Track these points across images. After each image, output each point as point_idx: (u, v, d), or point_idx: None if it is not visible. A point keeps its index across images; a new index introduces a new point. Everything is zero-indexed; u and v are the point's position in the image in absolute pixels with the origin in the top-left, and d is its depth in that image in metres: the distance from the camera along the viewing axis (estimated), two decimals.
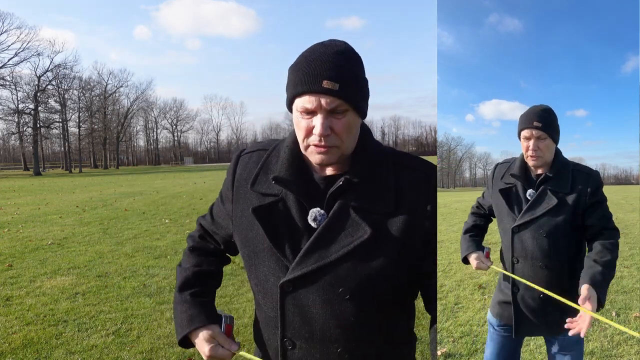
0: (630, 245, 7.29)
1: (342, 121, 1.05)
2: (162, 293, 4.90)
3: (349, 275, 1.07)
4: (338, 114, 1.04)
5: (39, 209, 13.59)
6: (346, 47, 1.07)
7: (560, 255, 1.93)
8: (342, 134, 1.05)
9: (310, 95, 1.03)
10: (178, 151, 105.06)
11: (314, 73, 1.02)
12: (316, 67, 1.02)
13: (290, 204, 1.12)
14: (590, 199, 1.89)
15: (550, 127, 1.94)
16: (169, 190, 20.46)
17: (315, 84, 1.02)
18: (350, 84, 1.04)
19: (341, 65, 1.03)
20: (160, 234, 8.63)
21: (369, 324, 1.11)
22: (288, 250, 1.10)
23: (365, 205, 1.08)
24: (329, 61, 1.03)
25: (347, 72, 1.04)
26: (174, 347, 3.57)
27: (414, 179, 1.11)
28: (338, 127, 1.04)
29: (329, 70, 1.02)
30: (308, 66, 1.03)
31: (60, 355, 3.48)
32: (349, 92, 1.04)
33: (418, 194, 1.10)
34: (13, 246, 7.72)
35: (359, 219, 1.07)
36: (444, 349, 3.47)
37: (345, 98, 1.03)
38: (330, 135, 1.04)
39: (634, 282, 5.08)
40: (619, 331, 3.71)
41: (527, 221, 1.95)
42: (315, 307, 1.09)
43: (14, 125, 58.51)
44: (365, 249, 1.06)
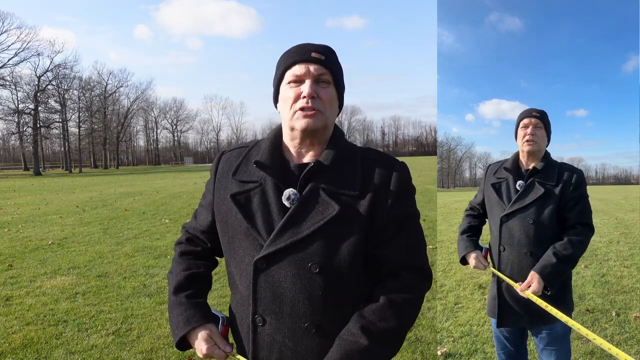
0: (630, 245, 7.28)
1: (326, 90, 1.20)
2: (162, 293, 4.90)
3: (318, 250, 1.13)
4: (323, 83, 1.20)
5: (39, 209, 13.58)
6: (328, 46, 1.27)
7: (544, 243, 2.05)
8: (326, 102, 1.19)
9: (300, 64, 1.20)
10: (178, 151, 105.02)
11: (304, 48, 1.22)
12: (306, 45, 1.23)
13: (267, 188, 1.21)
14: (573, 193, 2.05)
15: (546, 121, 2.12)
16: (169, 190, 20.46)
17: (305, 55, 1.20)
18: (333, 60, 1.24)
19: (325, 47, 1.25)
20: (160, 234, 8.63)
21: (336, 298, 1.16)
22: (263, 230, 1.18)
23: (334, 187, 1.18)
24: (315, 44, 1.24)
25: (331, 52, 1.25)
26: (173, 347, 3.56)
27: (379, 168, 1.21)
28: (323, 94, 1.19)
29: (316, 46, 1.23)
30: (298, 46, 1.24)
31: (60, 355, 3.48)
32: (333, 64, 1.23)
33: (383, 181, 1.19)
34: (13, 246, 7.71)
35: (329, 198, 1.16)
36: (444, 349, 3.47)
37: (330, 68, 1.21)
38: (316, 99, 1.18)
39: (634, 282, 5.08)
40: (619, 331, 3.71)
41: (515, 210, 2.10)
42: (286, 281, 1.15)
43: (14, 125, 58.47)
44: (334, 225, 1.14)
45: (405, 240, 1.21)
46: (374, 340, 1.10)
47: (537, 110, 2.12)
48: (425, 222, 9.27)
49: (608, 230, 9.00)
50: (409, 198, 1.23)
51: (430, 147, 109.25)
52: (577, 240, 2.00)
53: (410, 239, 1.23)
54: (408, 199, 1.23)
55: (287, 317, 1.16)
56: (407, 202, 1.22)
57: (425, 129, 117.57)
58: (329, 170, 1.19)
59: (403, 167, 1.24)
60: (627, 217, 11.18)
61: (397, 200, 1.19)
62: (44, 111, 58.65)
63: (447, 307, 4.41)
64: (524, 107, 2.13)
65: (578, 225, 2.05)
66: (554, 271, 1.94)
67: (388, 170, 1.21)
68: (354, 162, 1.21)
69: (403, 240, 1.21)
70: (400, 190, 1.20)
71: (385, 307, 1.14)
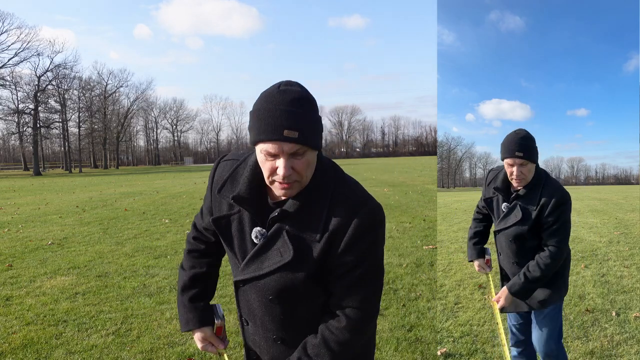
0: (630, 245, 7.28)
1: (302, 161, 1.20)
2: (162, 293, 4.90)
3: (274, 286, 1.29)
4: (298, 156, 1.19)
5: (39, 209, 13.58)
6: (301, 92, 1.19)
7: (526, 254, 2.37)
8: (302, 171, 1.21)
9: (273, 143, 1.16)
10: (178, 151, 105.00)
11: (275, 124, 1.15)
12: (276, 118, 1.15)
13: (244, 217, 1.33)
14: (547, 217, 2.24)
15: (530, 153, 2.24)
16: (169, 190, 20.46)
17: (277, 134, 1.15)
18: (307, 129, 1.17)
19: (298, 113, 1.16)
20: (160, 234, 8.63)
21: (294, 320, 1.35)
22: (239, 255, 1.34)
23: (296, 231, 1.26)
24: (287, 110, 1.15)
25: (304, 119, 1.17)
26: (174, 347, 3.57)
27: (344, 212, 1.24)
28: (299, 166, 1.20)
29: (288, 120, 1.14)
30: (269, 116, 1.15)
31: (60, 355, 3.48)
32: (307, 137, 1.17)
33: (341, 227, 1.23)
34: (13, 246, 7.72)
35: (289, 242, 1.25)
36: (444, 349, 3.47)
37: (304, 142, 1.17)
38: (292, 174, 1.20)
39: (634, 282, 5.08)
40: (619, 331, 3.71)
41: (500, 229, 2.42)
42: (255, 303, 1.36)
43: (14, 125, 58.50)
44: (290, 266, 1.26)
45: (353, 283, 1.26)
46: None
47: (518, 148, 2.20)
48: (425, 222, 9.27)
49: (608, 230, 9.00)
50: (366, 244, 1.24)
51: (430, 147, 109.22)
52: (543, 263, 2.25)
53: (359, 283, 1.26)
54: (364, 244, 1.24)
55: (259, 328, 1.40)
56: (361, 248, 1.24)
57: (425, 129, 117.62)
58: (294, 213, 1.26)
59: (368, 213, 1.24)
60: (627, 217, 11.18)
61: (350, 247, 1.23)
62: (44, 111, 58.66)
63: (447, 307, 4.41)
64: (525, 107, 2.13)
65: (549, 247, 2.26)
66: (521, 289, 2.31)
67: (351, 215, 1.23)
68: (321, 206, 1.25)
69: (351, 284, 1.26)
70: (356, 237, 1.23)
71: (322, 345, 1.28)
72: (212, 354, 1.57)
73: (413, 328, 3.81)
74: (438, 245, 7.38)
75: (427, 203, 12.75)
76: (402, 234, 7.98)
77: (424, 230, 8.41)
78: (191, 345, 3.56)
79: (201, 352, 3.42)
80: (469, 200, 18.63)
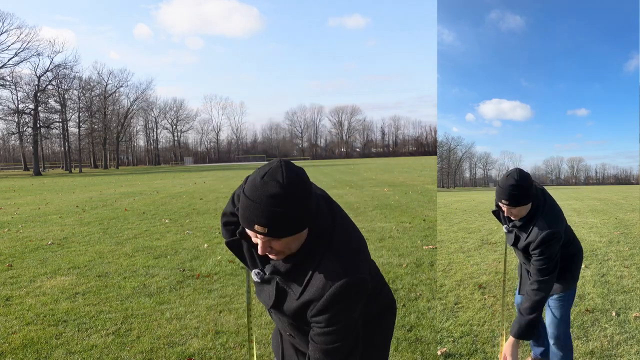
0: (630, 245, 7.28)
1: (279, 243, 1.34)
2: (162, 293, 4.90)
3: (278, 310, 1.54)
4: (274, 240, 1.33)
5: (39, 209, 13.59)
6: (279, 188, 1.27)
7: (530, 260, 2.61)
8: (282, 249, 1.36)
9: (248, 230, 1.34)
10: (178, 151, 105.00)
11: (249, 218, 1.30)
12: (250, 212, 1.29)
13: None
14: (533, 251, 2.46)
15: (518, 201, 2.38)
16: (169, 190, 20.46)
17: (250, 226, 1.31)
18: (278, 224, 1.28)
19: (271, 210, 1.27)
20: (160, 234, 8.63)
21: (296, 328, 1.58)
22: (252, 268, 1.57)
23: (284, 284, 1.46)
24: (261, 208, 1.27)
25: (276, 216, 1.27)
26: (174, 347, 3.57)
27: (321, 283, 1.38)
28: (277, 246, 1.35)
29: (259, 217, 1.28)
30: (246, 208, 1.31)
31: (60, 355, 3.48)
32: (276, 231, 1.29)
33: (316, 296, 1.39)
34: (13, 246, 7.72)
35: (274, 292, 1.49)
36: (444, 349, 3.47)
37: (273, 236, 1.30)
38: (271, 252, 1.37)
39: (634, 282, 5.08)
40: (619, 331, 3.71)
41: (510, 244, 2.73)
42: None
43: (14, 125, 58.50)
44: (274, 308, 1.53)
45: (320, 341, 1.43)
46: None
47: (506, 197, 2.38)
48: (425, 222, 9.28)
49: (608, 230, 9.01)
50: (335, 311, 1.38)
51: (430, 147, 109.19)
52: (532, 292, 2.45)
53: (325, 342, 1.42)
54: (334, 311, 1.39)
55: (279, 326, 1.70)
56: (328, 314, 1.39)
57: (425, 129, 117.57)
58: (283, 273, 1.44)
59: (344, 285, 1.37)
60: (627, 217, 11.18)
61: (320, 312, 1.39)
62: (44, 111, 58.65)
63: (447, 307, 4.41)
64: (525, 107, 2.13)
65: (531, 285, 2.47)
66: (521, 327, 2.44)
67: (325, 287, 1.37)
68: (305, 272, 1.41)
69: (319, 341, 1.43)
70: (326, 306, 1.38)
71: None
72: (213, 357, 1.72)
73: (413, 328, 3.81)
74: (438, 245, 7.39)
75: (427, 203, 12.75)
76: (402, 234, 7.98)
77: (424, 230, 8.41)
78: (191, 346, 3.56)
79: (201, 352, 3.43)
80: (469, 200, 18.63)
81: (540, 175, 56.69)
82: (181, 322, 4.06)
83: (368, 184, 20.98)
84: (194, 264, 6.14)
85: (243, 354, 3.40)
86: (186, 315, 4.23)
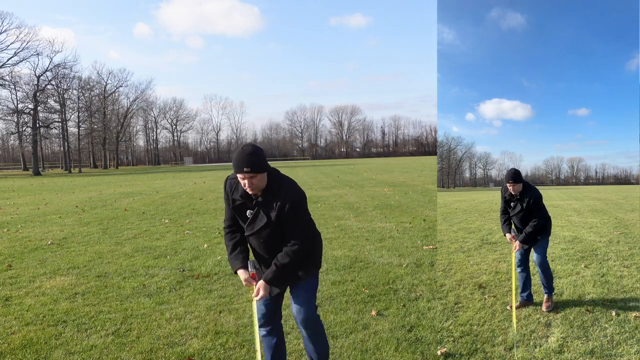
0: (630, 245, 7.28)
1: (256, 178, 2.51)
2: (162, 293, 4.89)
3: (262, 235, 2.66)
4: (253, 177, 2.50)
5: (38, 209, 13.58)
6: (253, 148, 2.51)
7: (526, 225, 4.30)
8: (258, 183, 2.53)
9: (240, 174, 2.50)
10: (178, 151, 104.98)
11: (239, 165, 2.48)
12: (240, 162, 2.47)
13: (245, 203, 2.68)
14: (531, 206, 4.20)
15: (519, 179, 4.15)
16: (168, 190, 20.45)
17: (240, 170, 2.48)
18: (255, 166, 2.47)
19: (251, 159, 2.46)
20: (160, 234, 8.63)
21: (273, 248, 2.68)
22: (243, 221, 2.73)
23: (266, 209, 2.60)
24: (245, 159, 2.46)
25: (254, 162, 2.47)
26: (173, 347, 3.56)
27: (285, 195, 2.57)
28: (255, 181, 2.51)
29: (246, 163, 2.46)
30: (237, 162, 2.49)
31: (60, 355, 3.48)
32: (255, 169, 2.48)
33: (283, 203, 2.56)
34: (13, 246, 7.71)
35: (263, 215, 2.61)
36: (444, 349, 3.47)
37: (257, 171, 2.48)
38: (252, 185, 2.52)
39: (634, 282, 5.08)
40: (618, 331, 3.71)
41: (512, 214, 4.41)
42: (254, 243, 2.74)
43: (14, 125, 58.48)
44: (266, 226, 2.62)
45: (294, 226, 2.60)
46: (279, 265, 2.61)
47: (511, 179, 4.15)
48: (425, 222, 9.27)
49: (608, 230, 9.00)
50: (295, 210, 2.57)
51: (430, 147, 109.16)
52: (533, 225, 4.20)
53: (297, 226, 2.60)
54: (295, 209, 2.57)
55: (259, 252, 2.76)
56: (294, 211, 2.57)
57: (426, 129, 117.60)
58: (263, 201, 2.59)
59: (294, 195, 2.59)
60: (627, 217, 11.18)
61: (289, 211, 2.56)
62: (43, 111, 58.60)
63: (447, 307, 4.41)
64: (526, 107, 2.14)
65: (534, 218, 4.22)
66: (526, 236, 4.25)
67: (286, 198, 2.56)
68: (274, 196, 2.57)
69: (293, 227, 2.60)
70: (290, 207, 2.55)
71: (284, 254, 2.60)
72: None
73: (413, 328, 3.80)
74: (438, 245, 7.38)
75: (427, 203, 12.75)
76: (402, 234, 7.98)
77: (424, 230, 8.41)
78: (191, 346, 3.56)
79: (201, 353, 3.43)
80: (469, 200, 18.63)
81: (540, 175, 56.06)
82: (181, 322, 4.06)
83: (368, 184, 20.98)
84: (194, 264, 6.13)
85: (243, 354, 3.39)
86: (186, 315, 4.22)
